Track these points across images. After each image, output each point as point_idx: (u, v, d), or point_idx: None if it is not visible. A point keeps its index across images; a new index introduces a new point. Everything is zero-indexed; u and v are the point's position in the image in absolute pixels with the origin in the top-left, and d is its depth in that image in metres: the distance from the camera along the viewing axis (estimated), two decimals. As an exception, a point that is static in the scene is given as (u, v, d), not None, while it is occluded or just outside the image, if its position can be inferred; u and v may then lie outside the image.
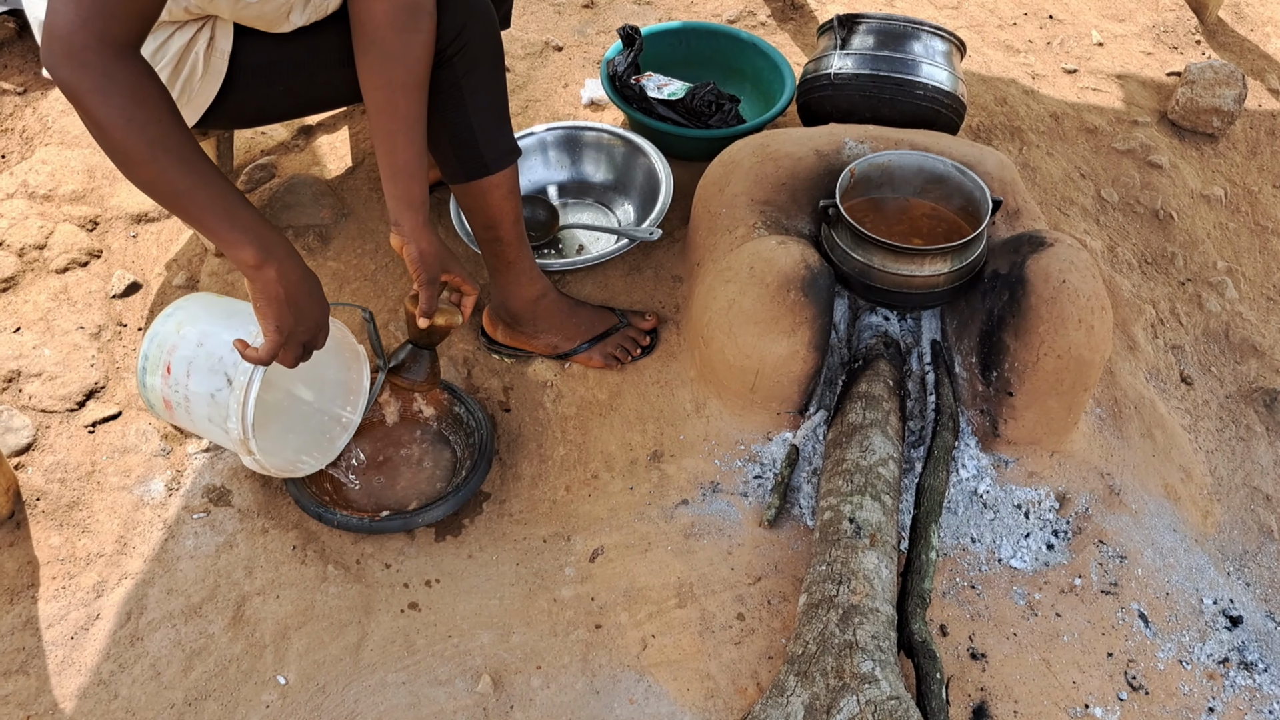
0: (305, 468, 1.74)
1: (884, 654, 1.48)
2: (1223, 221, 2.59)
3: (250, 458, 1.60)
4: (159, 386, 1.60)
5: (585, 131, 2.36)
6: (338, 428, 1.79)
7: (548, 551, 1.79)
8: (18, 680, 1.58)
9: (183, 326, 1.60)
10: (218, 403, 1.55)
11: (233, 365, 1.54)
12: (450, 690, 1.58)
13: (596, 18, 2.89)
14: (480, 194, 1.78)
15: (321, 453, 1.77)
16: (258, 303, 1.41)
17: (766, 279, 1.78)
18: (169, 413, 1.63)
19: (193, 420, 1.62)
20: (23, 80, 2.57)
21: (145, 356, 1.59)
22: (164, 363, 1.58)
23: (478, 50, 1.66)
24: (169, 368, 1.57)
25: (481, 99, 1.71)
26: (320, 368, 1.68)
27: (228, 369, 1.54)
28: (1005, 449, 1.86)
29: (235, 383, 1.53)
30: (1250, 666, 1.67)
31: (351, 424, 1.79)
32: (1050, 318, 1.76)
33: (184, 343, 1.58)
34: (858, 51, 2.22)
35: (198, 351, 1.57)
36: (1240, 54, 3.07)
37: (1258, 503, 2.05)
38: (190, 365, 1.57)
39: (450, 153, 1.75)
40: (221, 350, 1.56)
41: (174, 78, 1.60)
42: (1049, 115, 2.72)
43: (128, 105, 1.28)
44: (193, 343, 1.58)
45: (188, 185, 1.34)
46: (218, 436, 1.63)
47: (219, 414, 1.56)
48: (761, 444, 1.87)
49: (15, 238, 2.14)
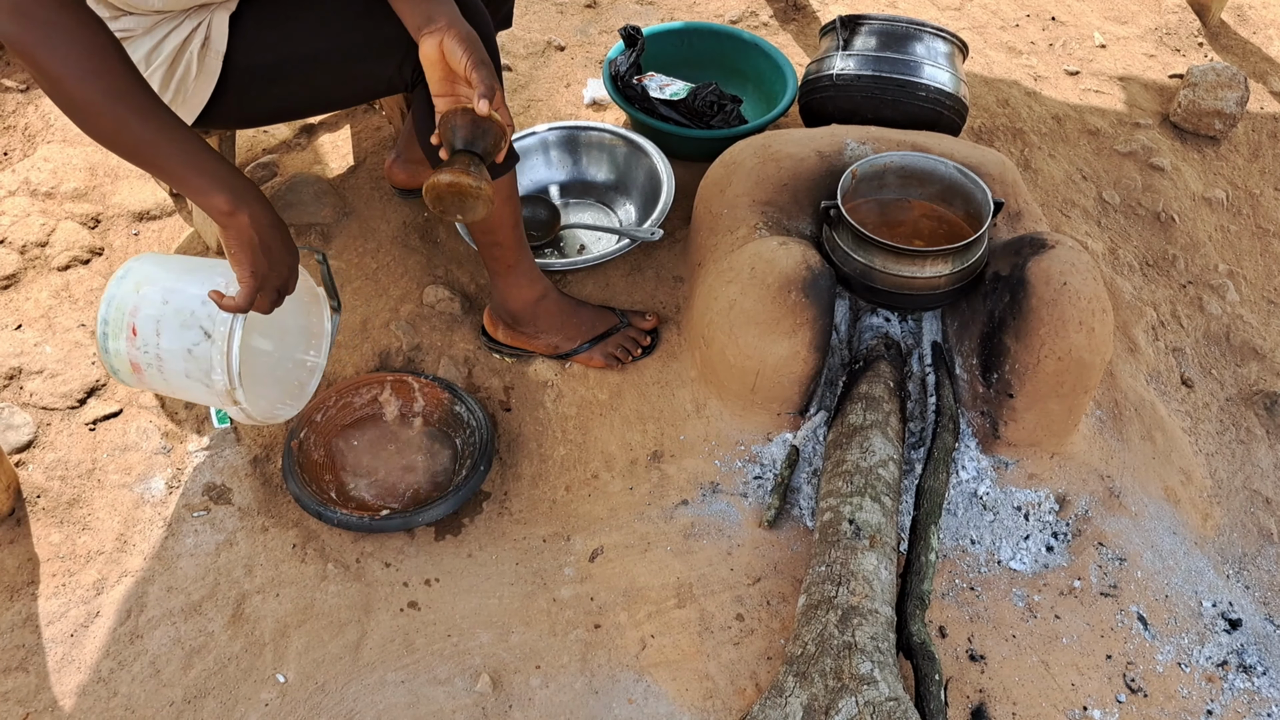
0: (284, 413, 1.70)
1: (883, 655, 1.49)
2: (1224, 224, 2.59)
3: (236, 408, 1.56)
4: (124, 350, 1.53)
5: (587, 131, 2.36)
6: (304, 372, 1.74)
7: (547, 551, 1.79)
8: (17, 677, 1.58)
9: (141, 286, 1.53)
10: (196, 357, 1.51)
11: (207, 317, 1.49)
12: (449, 689, 1.58)
13: (599, 17, 2.89)
14: None
15: (295, 399, 1.73)
16: (232, 249, 1.39)
17: (768, 280, 1.78)
18: (137, 376, 1.57)
19: (166, 380, 1.56)
20: (25, 78, 2.57)
21: (105, 321, 1.52)
22: (128, 325, 1.52)
23: None
24: (134, 329, 1.52)
25: None
26: (281, 315, 1.64)
27: (202, 322, 1.50)
28: (1005, 451, 1.86)
29: (215, 334, 1.49)
30: (1249, 669, 1.67)
31: (318, 367, 1.73)
32: (1051, 320, 1.76)
33: (146, 302, 1.52)
34: (860, 52, 2.22)
35: (164, 309, 1.52)
36: (1242, 57, 3.07)
37: (1257, 506, 2.05)
38: (159, 324, 1.51)
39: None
40: (191, 304, 1.51)
41: (169, 77, 1.60)
42: (1051, 117, 2.72)
43: (80, 56, 1.25)
44: (157, 301, 1.52)
45: (151, 135, 1.31)
46: (196, 393, 1.58)
47: (198, 368, 1.51)
48: (762, 445, 1.87)
49: (17, 235, 2.14)
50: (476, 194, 1.44)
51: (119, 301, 1.52)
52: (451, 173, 1.43)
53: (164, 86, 1.63)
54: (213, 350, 1.49)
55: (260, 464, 1.89)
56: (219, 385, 1.51)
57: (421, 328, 2.07)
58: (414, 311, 2.09)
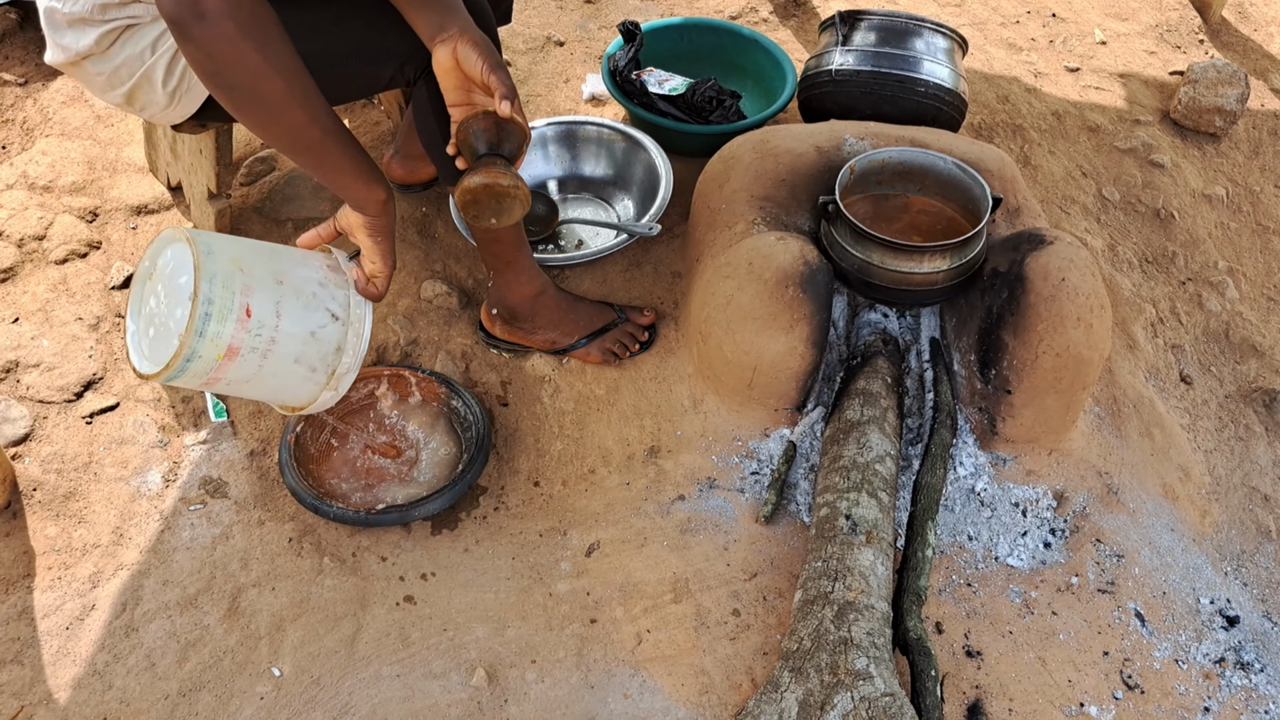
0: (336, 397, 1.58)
1: (879, 651, 1.48)
2: (1224, 221, 2.59)
3: (332, 393, 1.48)
4: (227, 333, 1.34)
5: (586, 126, 2.35)
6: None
7: (544, 546, 1.79)
8: (12, 670, 1.58)
9: (242, 264, 1.38)
10: (320, 339, 1.42)
11: (331, 299, 1.43)
12: (445, 684, 1.58)
13: (598, 13, 2.88)
14: None
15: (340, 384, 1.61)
16: (376, 238, 1.43)
17: (765, 275, 1.78)
18: (230, 364, 1.38)
19: (264, 366, 1.40)
20: (24, 71, 2.57)
21: (209, 301, 1.31)
22: (239, 306, 1.34)
23: None
24: (248, 310, 1.35)
25: None
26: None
27: (326, 303, 1.42)
28: (1003, 447, 1.85)
29: (350, 316, 1.43)
30: (1246, 666, 1.67)
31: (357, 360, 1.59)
32: (1049, 316, 1.76)
33: (258, 283, 1.37)
34: (859, 48, 2.21)
35: (282, 290, 1.39)
36: (1243, 54, 3.06)
37: (1256, 503, 2.04)
38: (279, 305, 1.38)
39: (447, 156, 1.73)
40: (310, 286, 1.42)
41: (173, 63, 1.61)
42: (1051, 113, 2.72)
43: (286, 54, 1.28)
44: (269, 281, 1.38)
45: (328, 130, 1.36)
46: (295, 378, 1.45)
47: (317, 352, 1.42)
48: (759, 440, 1.87)
49: (15, 228, 2.14)
50: (515, 194, 1.41)
51: (225, 279, 1.34)
52: (486, 173, 1.40)
53: (169, 73, 1.63)
54: (347, 332, 1.43)
55: (256, 458, 1.89)
56: (344, 367, 1.44)
57: (419, 322, 2.07)
58: (411, 306, 2.09)
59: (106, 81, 1.69)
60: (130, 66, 1.64)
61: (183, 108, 1.71)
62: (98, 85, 1.71)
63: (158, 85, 1.66)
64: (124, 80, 1.67)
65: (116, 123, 2.41)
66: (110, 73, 1.66)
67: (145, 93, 1.68)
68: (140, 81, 1.66)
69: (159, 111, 1.73)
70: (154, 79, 1.65)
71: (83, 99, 2.46)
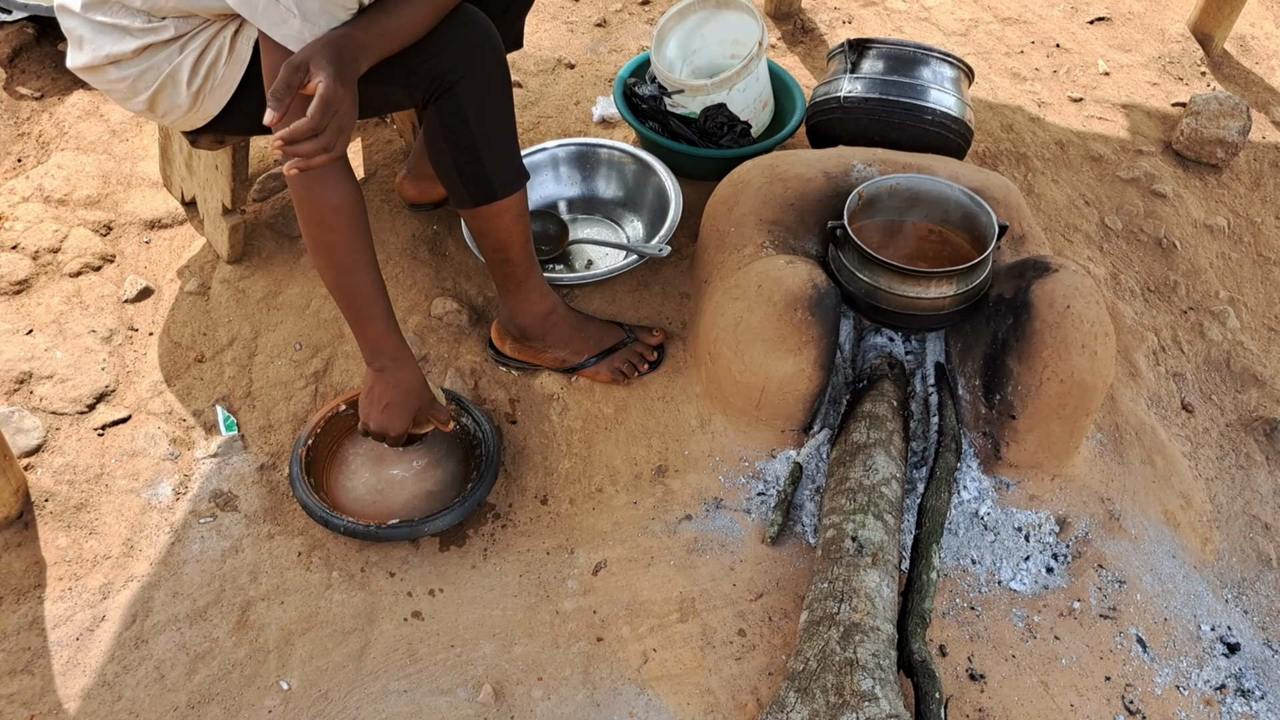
0: None
1: (884, 672, 1.49)
2: (1225, 251, 2.61)
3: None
4: None
5: (597, 148, 2.38)
6: None
7: (551, 563, 1.80)
8: (23, 680, 1.59)
9: None
10: None
11: None
12: (452, 700, 1.59)
13: (609, 36, 2.92)
14: (489, 218, 1.79)
15: None
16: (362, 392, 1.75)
17: (774, 297, 1.80)
18: None
19: None
20: (40, 85, 2.60)
21: None
22: None
23: (482, 76, 1.65)
24: None
25: (487, 125, 1.69)
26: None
27: None
28: (1007, 471, 1.87)
29: None
30: (1247, 694, 1.68)
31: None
32: (1054, 342, 1.78)
33: None
34: (867, 76, 2.24)
35: None
36: (1245, 86, 3.10)
37: (1257, 531, 2.06)
38: None
39: (457, 179, 1.74)
40: None
41: (199, 62, 1.64)
42: (1055, 142, 2.75)
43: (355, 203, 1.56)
44: None
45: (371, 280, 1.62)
46: None
47: None
48: (765, 461, 1.88)
49: (30, 241, 2.16)
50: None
51: None
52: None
53: (194, 72, 1.66)
54: None
55: (267, 471, 1.90)
56: None
57: (429, 339, 2.09)
58: (422, 323, 2.11)
59: (130, 87, 1.71)
60: (157, 69, 1.67)
61: (204, 110, 1.73)
62: (119, 91, 1.73)
63: (182, 86, 1.68)
64: (149, 85, 1.69)
65: (131, 137, 2.44)
66: (135, 77, 1.68)
67: (169, 96, 1.70)
68: (165, 83, 1.68)
69: (181, 115, 1.75)
70: (179, 79, 1.67)
71: (98, 113, 2.49)
